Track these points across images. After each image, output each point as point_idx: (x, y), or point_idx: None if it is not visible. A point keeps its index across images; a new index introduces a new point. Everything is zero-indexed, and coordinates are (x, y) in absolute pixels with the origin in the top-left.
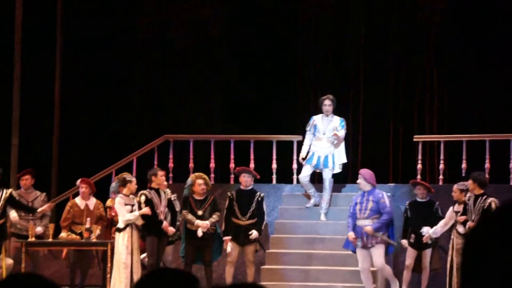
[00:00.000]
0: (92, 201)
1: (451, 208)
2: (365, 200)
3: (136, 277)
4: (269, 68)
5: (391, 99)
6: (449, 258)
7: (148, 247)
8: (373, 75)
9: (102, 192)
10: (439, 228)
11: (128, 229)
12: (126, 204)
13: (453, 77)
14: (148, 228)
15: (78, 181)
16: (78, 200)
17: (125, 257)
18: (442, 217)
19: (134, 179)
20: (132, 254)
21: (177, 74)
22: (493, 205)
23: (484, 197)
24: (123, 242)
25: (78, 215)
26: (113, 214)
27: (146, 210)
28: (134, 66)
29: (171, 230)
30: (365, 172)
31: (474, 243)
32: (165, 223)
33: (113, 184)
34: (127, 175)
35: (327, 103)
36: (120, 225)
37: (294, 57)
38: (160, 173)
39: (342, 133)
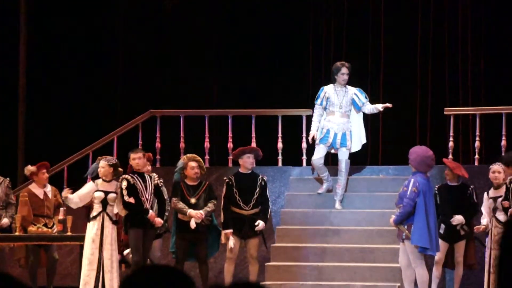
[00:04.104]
0: (49, 189)
1: (485, 195)
2: (405, 185)
3: (109, 277)
4: (274, 30)
5: (417, 65)
6: (487, 252)
7: (132, 241)
8: (396, 37)
9: (77, 177)
10: (487, 221)
11: (98, 218)
12: (101, 191)
13: (490, 38)
14: (131, 219)
15: (33, 168)
16: (33, 188)
17: (90, 251)
18: (477, 204)
19: (103, 163)
20: (103, 249)
21: (166, 38)
22: None
23: None
24: (90, 234)
25: (37, 206)
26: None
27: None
28: (114, 27)
29: (159, 221)
30: (412, 151)
31: (510, 235)
32: (151, 213)
33: (94, 165)
34: (105, 159)
35: (345, 72)
36: (94, 212)
37: (303, 15)
38: (133, 155)
39: (371, 106)
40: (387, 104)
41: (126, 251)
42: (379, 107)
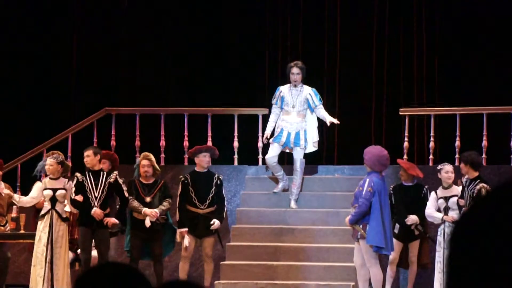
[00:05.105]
0: (2, 186)
1: (433, 194)
2: (360, 184)
3: (59, 276)
4: (230, 29)
5: (373, 66)
6: (440, 251)
7: (80, 239)
8: (352, 38)
9: (31, 175)
10: (435, 214)
11: (47, 216)
12: (49, 189)
13: (445, 39)
14: (80, 217)
15: None
16: None
17: (38, 250)
18: None
19: (51, 160)
20: (52, 247)
21: (121, 34)
22: (483, 192)
23: (477, 181)
24: (39, 233)
25: None
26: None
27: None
28: (70, 23)
29: (111, 221)
30: (366, 151)
31: (461, 234)
32: (95, 210)
33: (41, 163)
34: (52, 156)
35: (295, 71)
36: (43, 211)
37: (259, 15)
38: (84, 153)
39: (323, 113)
40: (335, 121)
41: (80, 250)
42: (327, 120)
